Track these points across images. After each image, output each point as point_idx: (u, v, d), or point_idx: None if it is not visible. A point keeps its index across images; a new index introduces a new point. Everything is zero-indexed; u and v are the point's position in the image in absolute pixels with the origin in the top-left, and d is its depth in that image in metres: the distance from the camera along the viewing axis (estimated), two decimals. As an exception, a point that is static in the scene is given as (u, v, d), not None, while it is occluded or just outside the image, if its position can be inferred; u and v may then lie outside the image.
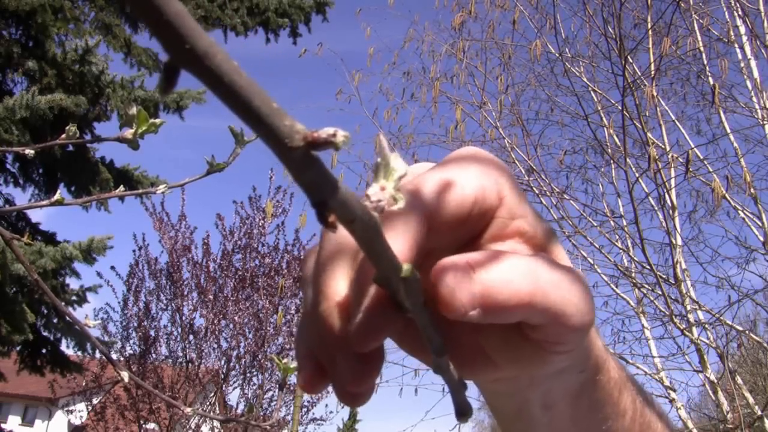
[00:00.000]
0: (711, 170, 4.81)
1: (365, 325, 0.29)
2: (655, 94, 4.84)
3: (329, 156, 5.80)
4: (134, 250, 9.18)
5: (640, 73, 5.05)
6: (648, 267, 4.43)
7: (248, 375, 8.82)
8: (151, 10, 0.20)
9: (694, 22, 5.10)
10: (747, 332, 4.95)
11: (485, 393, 0.42)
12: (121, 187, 1.31)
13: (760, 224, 4.82)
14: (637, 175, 4.87)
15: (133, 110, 0.97)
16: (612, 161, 5.30)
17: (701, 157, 5.04)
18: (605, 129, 5.43)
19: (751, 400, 4.59)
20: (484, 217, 0.35)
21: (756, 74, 5.04)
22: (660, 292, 4.41)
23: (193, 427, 8.72)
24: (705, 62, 5.27)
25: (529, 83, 5.94)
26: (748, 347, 5.49)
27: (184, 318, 8.78)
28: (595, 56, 5.60)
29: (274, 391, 8.79)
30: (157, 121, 0.81)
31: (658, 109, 5.20)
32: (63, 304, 1.29)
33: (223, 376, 8.74)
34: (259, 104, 0.23)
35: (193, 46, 0.21)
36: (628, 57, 4.38)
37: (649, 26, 4.76)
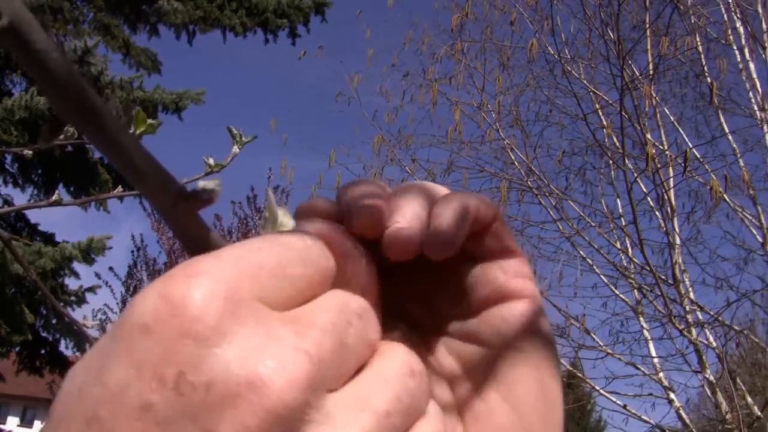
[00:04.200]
0: (709, 170, 4.82)
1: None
2: (654, 94, 4.85)
3: (327, 156, 5.81)
4: (132, 251, 9.19)
5: (638, 74, 5.05)
6: (647, 268, 4.43)
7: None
8: (39, 68, 0.21)
9: (693, 22, 5.10)
10: (746, 333, 4.95)
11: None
12: (120, 188, 1.31)
13: (758, 225, 4.83)
14: (635, 175, 4.88)
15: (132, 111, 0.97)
16: (611, 162, 5.30)
17: (699, 158, 5.04)
18: (604, 130, 5.43)
19: (749, 400, 4.60)
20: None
21: (754, 75, 5.05)
22: (659, 293, 4.41)
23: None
24: (703, 63, 5.28)
25: (528, 84, 5.94)
26: (747, 348, 5.50)
27: (182, 319, 8.77)
28: (594, 57, 5.61)
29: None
30: (155, 121, 0.81)
31: (657, 110, 5.20)
32: (62, 304, 1.29)
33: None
34: (140, 162, 0.23)
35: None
36: (627, 58, 4.39)
37: (648, 26, 4.77)
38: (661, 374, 4.90)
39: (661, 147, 5.11)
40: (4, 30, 0.19)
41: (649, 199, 5.18)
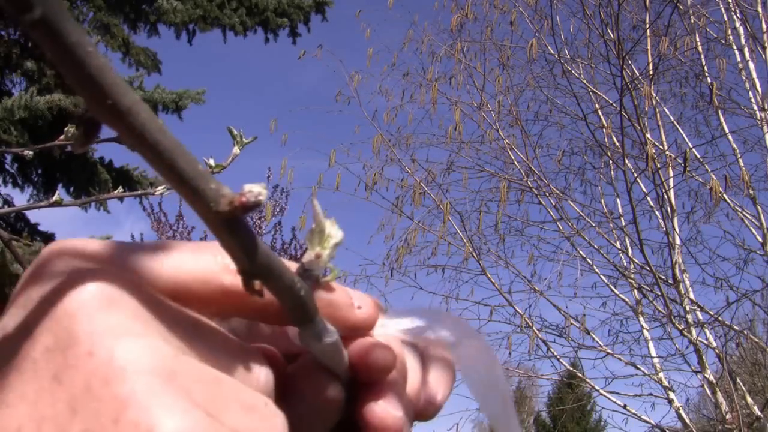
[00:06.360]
0: (709, 170, 4.82)
1: None
2: (653, 94, 4.85)
3: (327, 156, 5.81)
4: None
5: (638, 74, 5.05)
6: (647, 268, 4.43)
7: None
8: (72, 63, 0.19)
9: (693, 22, 5.11)
10: (745, 332, 4.95)
11: None
12: (120, 188, 1.31)
13: (758, 225, 4.83)
14: (635, 175, 4.88)
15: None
16: (611, 161, 5.30)
17: (699, 158, 5.05)
18: (603, 130, 5.43)
19: (749, 400, 4.60)
20: None
21: (754, 75, 5.05)
22: (659, 293, 4.42)
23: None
24: (703, 63, 5.28)
25: (527, 84, 5.94)
26: (747, 348, 5.50)
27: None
28: (594, 57, 5.61)
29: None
30: (156, 122, 0.81)
31: (657, 110, 5.21)
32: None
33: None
34: (183, 166, 0.22)
35: (115, 103, 0.20)
36: (627, 58, 4.39)
37: (647, 26, 4.77)
38: (661, 374, 4.90)
39: (661, 147, 5.11)
40: (36, 22, 0.18)
41: (648, 199, 5.18)
